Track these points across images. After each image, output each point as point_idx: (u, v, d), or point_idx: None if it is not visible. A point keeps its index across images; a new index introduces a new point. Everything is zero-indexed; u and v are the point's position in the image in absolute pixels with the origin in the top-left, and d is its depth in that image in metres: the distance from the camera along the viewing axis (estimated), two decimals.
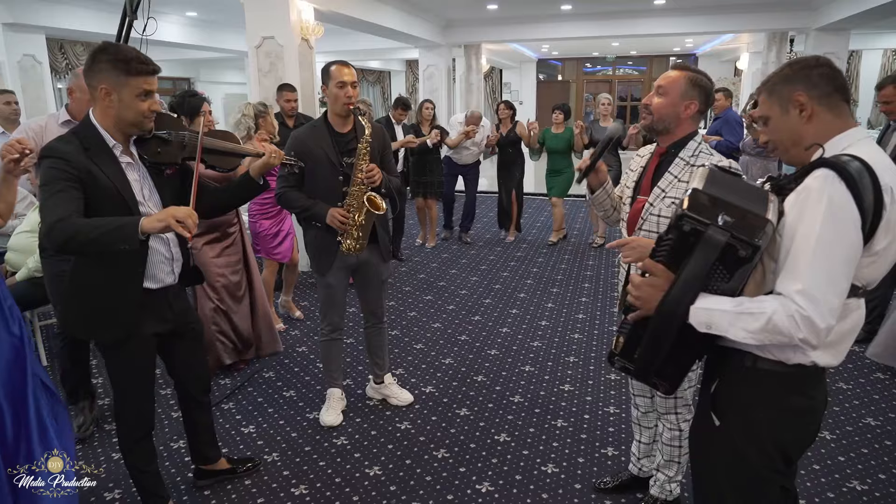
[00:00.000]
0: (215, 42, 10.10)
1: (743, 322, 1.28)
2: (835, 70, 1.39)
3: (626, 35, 11.15)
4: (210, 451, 2.63)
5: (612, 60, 19.05)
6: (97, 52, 1.92)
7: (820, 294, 1.24)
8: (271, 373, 3.74)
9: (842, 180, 1.25)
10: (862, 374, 3.60)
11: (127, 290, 2.05)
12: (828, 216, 1.24)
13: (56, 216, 1.78)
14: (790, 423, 1.42)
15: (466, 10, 9.49)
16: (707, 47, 15.38)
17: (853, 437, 2.94)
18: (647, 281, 1.41)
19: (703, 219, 1.28)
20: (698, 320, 1.32)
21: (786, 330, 1.25)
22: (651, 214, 2.03)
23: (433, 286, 5.40)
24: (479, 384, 3.56)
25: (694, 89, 1.98)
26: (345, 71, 2.82)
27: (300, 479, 2.70)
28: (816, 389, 1.43)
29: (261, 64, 5.69)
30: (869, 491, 2.56)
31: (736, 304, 1.30)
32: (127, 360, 2.15)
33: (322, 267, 2.97)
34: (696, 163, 1.98)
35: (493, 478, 2.69)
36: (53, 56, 8.50)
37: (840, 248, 1.25)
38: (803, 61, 1.41)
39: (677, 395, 2.21)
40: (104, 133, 1.98)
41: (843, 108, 1.39)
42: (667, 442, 2.32)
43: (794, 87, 1.39)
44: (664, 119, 2.01)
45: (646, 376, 1.48)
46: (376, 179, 2.81)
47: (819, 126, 1.38)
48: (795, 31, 9.68)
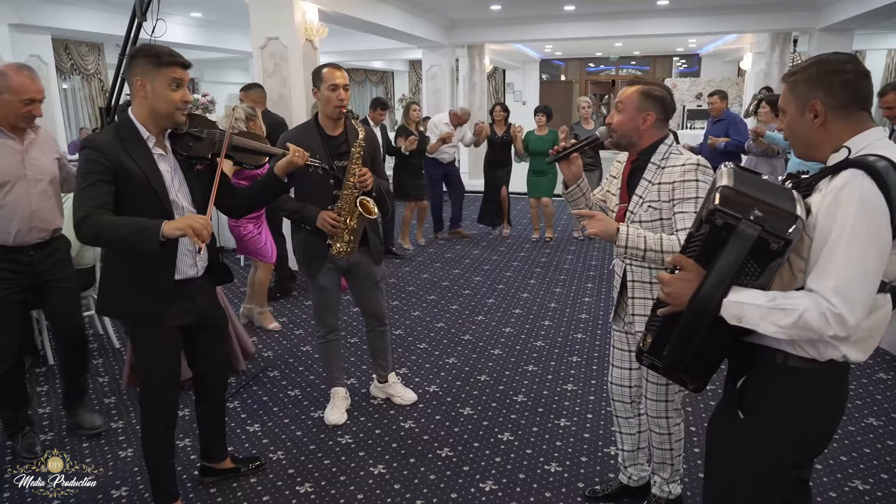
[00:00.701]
0: (219, 43, 10.13)
1: (774, 317, 1.30)
2: (860, 76, 1.38)
3: (630, 35, 11.15)
4: (218, 450, 2.66)
5: (616, 61, 19.05)
6: (135, 52, 2.10)
7: (852, 291, 1.25)
8: (276, 372, 3.77)
9: (870, 177, 1.26)
10: (864, 374, 3.61)
11: (157, 278, 2.15)
12: (859, 213, 1.25)
13: (84, 211, 1.93)
14: (818, 418, 1.45)
15: (470, 10, 9.50)
16: (710, 47, 15.36)
17: (855, 437, 2.95)
18: (678, 276, 1.42)
19: (735, 213, 1.30)
20: (730, 313, 1.33)
21: (817, 327, 1.27)
22: (633, 222, 2.06)
23: (437, 286, 5.42)
24: (482, 383, 3.58)
25: (648, 101, 2.02)
26: (336, 74, 2.82)
27: (305, 477, 2.72)
28: (843, 384, 1.47)
29: (265, 65, 5.71)
30: (871, 490, 2.57)
31: (768, 298, 1.31)
32: (152, 346, 2.24)
33: (312, 270, 2.97)
34: (666, 165, 2.02)
35: (497, 476, 2.71)
36: (59, 56, 8.54)
37: (872, 244, 1.26)
38: (832, 63, 1.39)
39: (668, 398, 2.21)
40: (139, 126, 2.11)
41: (859, 115, 1.39)
42: (657, 445, 2.32)
43: (814, 92, 1.39)
44: (626, 134, 2.07)
45: (675, 373, 1.50)
46: (368, 183, 2.81)
47: (832, 132, 1.40)
48: (799, 32, 9.67)
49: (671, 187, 1.98)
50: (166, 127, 2.16)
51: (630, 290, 2.14)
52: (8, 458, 2.86)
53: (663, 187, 2.00)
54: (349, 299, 3.69)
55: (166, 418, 2.33)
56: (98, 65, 9.75)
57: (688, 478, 2.66)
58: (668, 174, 2.00)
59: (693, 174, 1.96)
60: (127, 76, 2.11)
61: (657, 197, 2.01)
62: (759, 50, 11.96)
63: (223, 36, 10.11)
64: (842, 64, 1.39)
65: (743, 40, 12.74)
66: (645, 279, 2.10)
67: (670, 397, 2.21)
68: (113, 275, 2.22)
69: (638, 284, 2.12)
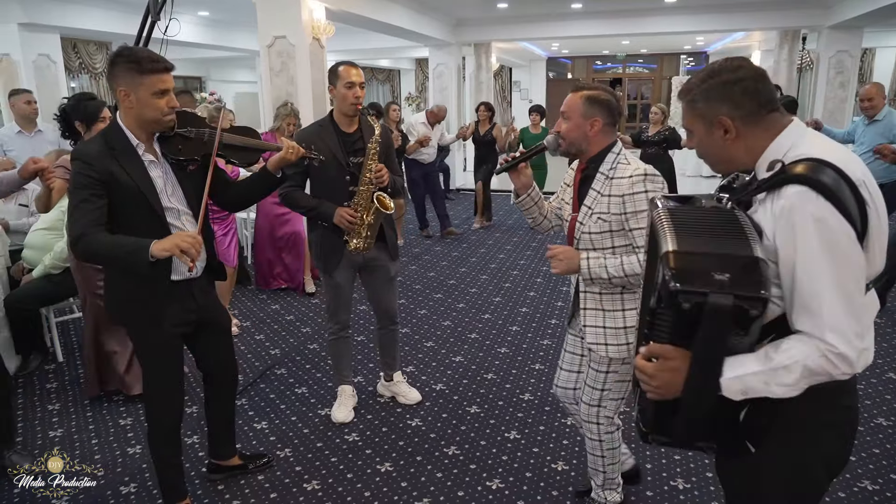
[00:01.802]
0: (227, 41, 10.15)
1: (779, 378, 1.19)
2: (758, 79, 1.29)
3: (637, 33, 11.10)
4: (226, 447, 2.67)
5: (623, 59, 18.98)
6: (114, 57, 2.02)
7: (846, 325, 1.17)
8: (283, 370, 3.78)
9: (820, 195, 1.16)
10: (874, 374, 3.58)
11: (154, 280, 2.13)
12: (823, 244, 1.16)
13: (79, 230, 1.93)
14: (833, 437, 1.34)
15: (476, 8, 9.49)
16: (718, 45, 15.29)
17: (864, 437, 2.93)
18: (661, 366, 1.24)
19: (697, 289, 1.12)
20: (732, 391, 1.20)
21: (822, 370, 1.18)
22: (583, 233, 2.07)
23: (443, 284, 5.42)
24: (489, 382, 3.58)
25: (593, 107, 2.01)
26: (353, 71, 2.84)
27: (312, 474, 2.73)
28: (852, 396, 1.36)
29: (272, 63, 5.72)
30: (880, 491, 2.56)
31: (764, 360, 1.20)
32: (154, 347, 2.23)
33: (329, 266, 2.99)
34: (615, 175, 2.00)
35: (504, 475, 2.71)
36: (67, 55, 8.57)
37: (846, 271, 1.18)
38: (722, 72, 1.30)
39: (601, 404, 2.17)
40: (128, 133, 2.07)
41: (770, 118, 1.30)
42: (589, 450, 2.30)
43: (716, 108, 1.30)
44: (575, 142, 2.06)
45: (687, 446, 1.38)
46: (385, 179, 2.84)
47: (749, 143, 1.32)
48: (808, 29, 9.60)
49: (621, 200, 1.98)
50: (155, 131, 2.13)
51: (583, 300, 2.15)
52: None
53: (613, 199, 2.00)
54: (355, 297, 3.69)
55: (172, 418, 2.32)
56: (106, 63, 9.80)
57: (695, 476, 2.65)
58: (617, 186, 1.99)
59: (641, 185, 1.96)
60: (110, 83, 2.05)
61: (606, 209, 2.01)
62: (767, 48, 11.88)
63: (230, 35, 10.13)
64: (735, 71, 1.30)
65: (751, 38, 12.67)
66: (595, 290, 2.11)
67: (603, 403, 2.18)
68: (113, 279, 2.21)
69: (590, 295, 2.13)
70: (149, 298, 2.15)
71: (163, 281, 2.15)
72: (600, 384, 2.17)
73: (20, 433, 3.07)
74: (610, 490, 2.35)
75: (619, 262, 1.97)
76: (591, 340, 2.13)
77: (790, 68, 9.84)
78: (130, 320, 2.25)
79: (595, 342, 2.12)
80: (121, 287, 2.18)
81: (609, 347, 2.10)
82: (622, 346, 2.09)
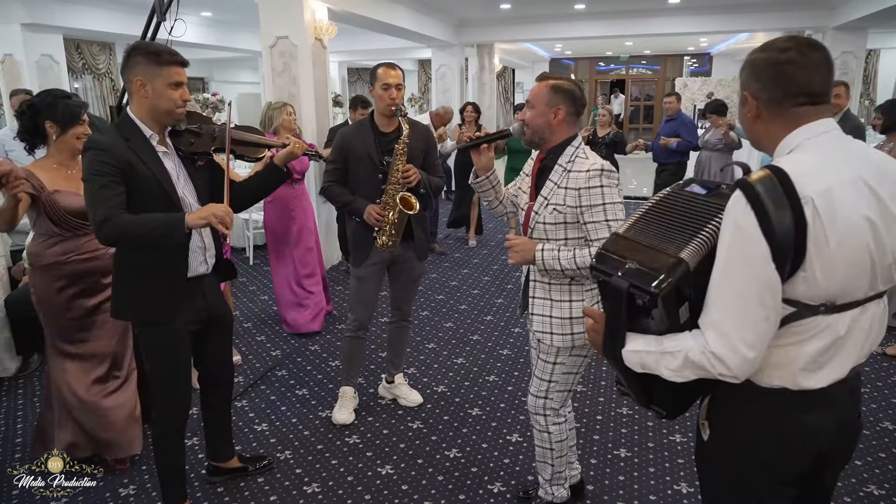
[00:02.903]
0: (229, 42, 10.17)
1: (665, 361, 1.24)
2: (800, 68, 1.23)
3: (640, 34, 11.09)
4: (225, 449, 2.65)
5: (626, 60, 18.97)
6: (131, 50, 2.06)
7: (730, 327, 1.16)
8: (284, 371, 3.76)
9: (749, 205, 1.14)
10: (879, 377, 3.56)
11: (169, 278, 2.15)
12: (732, 245, 1.16)
13: (103, 215, 1.93)
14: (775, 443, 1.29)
15: (479, 9, 9.48)
16: (722, 46, 15.26)
17: (870, 441, 2.90)
18: (590, 326, 1.43)
19: (605, 269, 1.28)
20: (632, 363, 1.29)
21: (701, 366, 1.19)
22: (537, 223, 2.11)
23: (445, 286, 5.40)
24: (491, 384, 3.56)
25: (557, 95, 2.04)
26: (390, 73, 2.89)
27: (312, 477, 2.71)
28: (809, 414, 1.27)
29: (274, 64, 5.71)
30: (886, 496, 2.53)
31: (658, 343, 1.26)
32: (164, 345, 2.22)
33: (358, 259, 3.06)
34: (573, 168, 2.04)
35: (506, 478, 2.69)
36: (70, 56, 8.59)
37: (748, 277, 1.15)
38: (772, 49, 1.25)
39: (547, 396, 2.22)
40: (141, 124, 2.09)
41: (794, 112, 1.25)
42: (537, 443, 2.32)
43: (750, 81, 1.28)
44: (538, 130, 2.09)
45: (643, 403, 1.44)
46: (412, 180, 2.88)
47: (769, 129, 1.29)
48: (812, 30, 9.56)
49: (577, 193, 2.01)
50: (167, 124, 2.16)
51: (532, 289, 2.21)
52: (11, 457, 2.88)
53: (569, 192, 2.03)
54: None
55: (179, 419, 2.32)
56: (109, 64, 9.80)
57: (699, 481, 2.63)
58: (574, 179, 2.03)
59: (598, 180, 1.99)
60: (124, 75, 2.08)
61: (563, 201, 2.04)
62: None
63: (233, 35, 10.15)
64: (782, 52, 1.23)
65: (755, 39, 12.63)
66: (544, 280, 2.16)
67: (550, 395, 2.23)
68: (124, 277, 2.19)
69: (539, 284, 2.18)
70: (162, 296, 2.15)
71: (178, 279, 2.17)
72: (548, 375, 2.21)
73: (20, 433, 3.06)
74: (557, 485, 2.37)
75: (571, 255, 2.00)
76: (538, 329, 2.19)
77: None
78: (141, 319, 2.23)
79: (541, 330, 2.17)
80: (132, 285, 2.17)
81: (554, 336, 2.15)
82: (567, 336, 2.13)
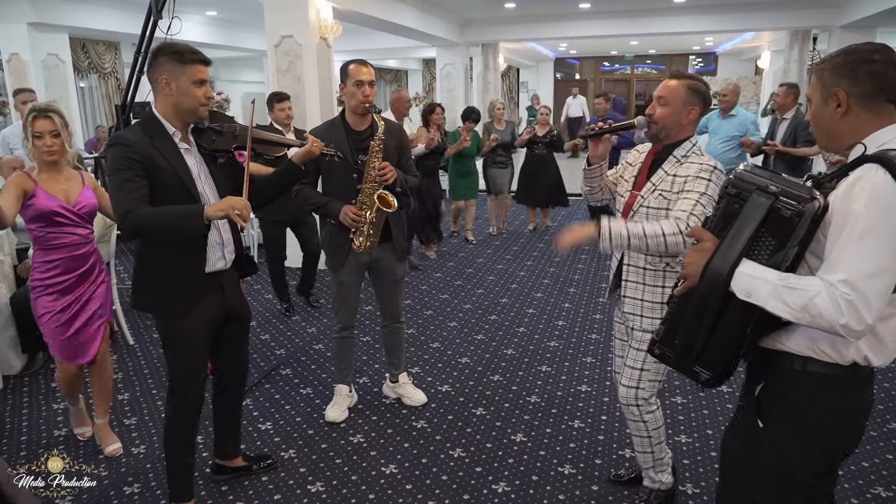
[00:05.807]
0: (235, 41, 10.18)
1: (785, 295, 1.25)
2: (889, 67, 1.32)
3: (646, 34, 11.07)
4: (231, 447, 2.66)
5: (631, 59, 18.92)
6: (156, 51, 2.13)
7: (863, 283, 1.19)
8: (288, 370, 3.76)
9: (885, 170, 1.21)
10: (886, 378, 3.53)
11: (188, 272, 2.19)
12: (871, 205, 1.20)
13: (126, 207, 2.00)
14: (840, 426, 1.40)
15: (484, 8, 9.47)
16: (727, 45, 15.21)
17: (878, 443, 2.88)
18: (694, 247, 1.43)
19: (749, 183, 1.34)
20: (739, 286, 1.30)
21: (827, 314, 1.21)
22: (641, 206, 2.15)
23: (450, 285, 5.40)
24: (495, 384, 3.55)
25: (694, 96, 2.09)
26: (363, 70, 2.83)
27: (317, 476, 2.71)
28: (865, 391, 1.41)
29: (279, 63, 5.72)
30: (894, 498, 2.51)
31: (781, 276, 1.27)
32: (185, 340, 2.25)
33: (335, 263, 3.00)
34: (685, 161, 2.09)
35: (510, 478, 2.68)
36: (76, 55, 8.61)
37: (885, 238, 1.20)
38: (861, 52, 1.35)
39: (640, 385, 2.23)
40: (164, 122, 2.15)
41: (885, 108, 1.34)
42: (635, 433, 2.34)
43: (839, 80, 1.35)
44: (668, 127, 2.11)
45: (686, 363, 1.46)
46: (389, 177, 2.81)
47: (855, 124, 1.35)
48: (819, 29, 9.53)
49: (684, 181, 2.06)
50: (190, 122, 2.21)
51: (625, 272, 2.23)
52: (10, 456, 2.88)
53: (677, 179, 2.08)
54: (362, 297, 3.68)
55: (192, 413, 2.34)
56: (115, 63, 9.83)
57: (704, 482, 2.61)
58: (685, 169, 2.08)
59: (707, 175, 2.04)
60: (150, 74, 2.15)
61: (669, 188, 2.09)
62: (777, 48, 11.81)
63: (238, 34, 10.16)
64: (870, 53, 1.34)
65: (761, 38, 12.59)
66: (639, 264, 2.18)
67: (642, 385, 2.24)
68: (145, 270, 2.24)
69: (633, 269, 2.21)
70: (182, 290, 2.19)
71: (197, 273, 2.20)
72: (640, 363, 2.22)
73: (25, 431, 3.07)
74: (661, 471, 2.38)
75: (639, 225, 2.00)
76: (628, 310, 2.22)
77: (800, 69, 9.75)
78: (162, 312, 2.27)
79: (631, 312, 2.20)
80: (151, 278, 2.21)
81: (644, 320, 2.18)
82: (656, 320, 2.13)
